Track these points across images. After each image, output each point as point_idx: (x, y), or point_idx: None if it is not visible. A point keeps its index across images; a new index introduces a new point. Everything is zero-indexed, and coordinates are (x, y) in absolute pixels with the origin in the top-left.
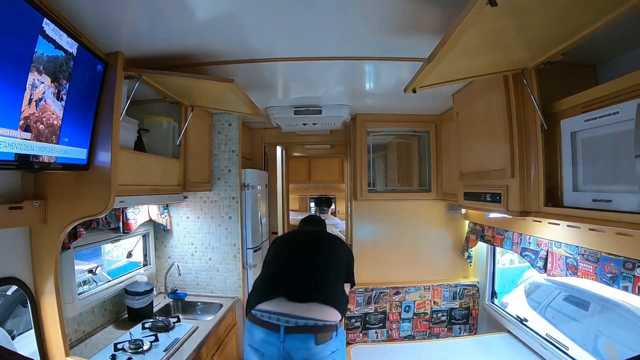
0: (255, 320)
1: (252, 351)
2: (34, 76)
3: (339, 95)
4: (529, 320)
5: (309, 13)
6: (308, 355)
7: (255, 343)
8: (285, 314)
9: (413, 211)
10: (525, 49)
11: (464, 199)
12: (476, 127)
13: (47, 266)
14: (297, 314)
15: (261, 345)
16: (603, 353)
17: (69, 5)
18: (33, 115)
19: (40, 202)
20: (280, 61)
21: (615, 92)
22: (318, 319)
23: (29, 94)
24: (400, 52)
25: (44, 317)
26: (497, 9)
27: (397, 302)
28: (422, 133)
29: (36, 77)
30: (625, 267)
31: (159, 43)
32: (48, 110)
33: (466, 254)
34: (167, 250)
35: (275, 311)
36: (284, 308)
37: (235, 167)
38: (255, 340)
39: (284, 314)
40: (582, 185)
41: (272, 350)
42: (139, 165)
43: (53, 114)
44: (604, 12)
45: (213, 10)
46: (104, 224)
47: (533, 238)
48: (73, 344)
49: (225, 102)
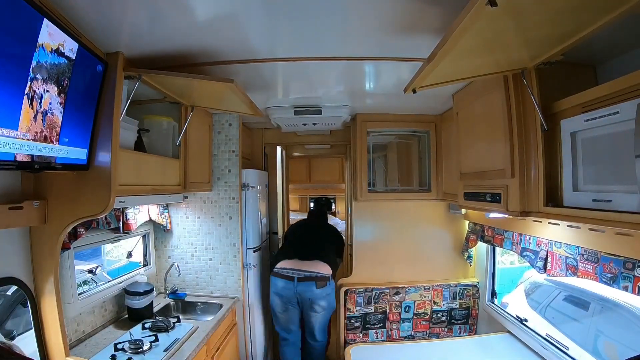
0: (278, 275)
1: (275, 296)
2: (34, 76)
3: (339, 95)
4: (529, 320)
5: (309, 13)
6: (312, 295)
7: (278, 290)
8: (297, 269)
9: (413, 211)
10: (525, 49)
11: (464, 199)
12: (476, 127)
13: (47, 266)
14: (304, 269)
15: (282, 291)
16: (603, 353)
17: (69, 6)
18: (33, 115)
19: (40, 202)
20: (280, 61)
21: (615, 92)
22: (317, 272)
23: (29, 93)
24: (400, 52)
25: (44, 317)
26: (497, 9)
27: (397, 302)
28: (422, 133)
29: (36, 77)
30: (625, 267)
31: (159, 43)
32: (48, 110)
33: (466, 254)
34: (167, 250)
35: (290, 267)
36: (296, 265)
37: (235, 167)
38: (278, 288)
39: (296, 269)
40: (582, 185)
41: (289, 293)
42: (139, 165)
43: (53, 114)
44: (604, 12)
45: (213, 10)
46: (104, 224)
47: (533, 238)
48: (73, 344)
49: (225, 102)
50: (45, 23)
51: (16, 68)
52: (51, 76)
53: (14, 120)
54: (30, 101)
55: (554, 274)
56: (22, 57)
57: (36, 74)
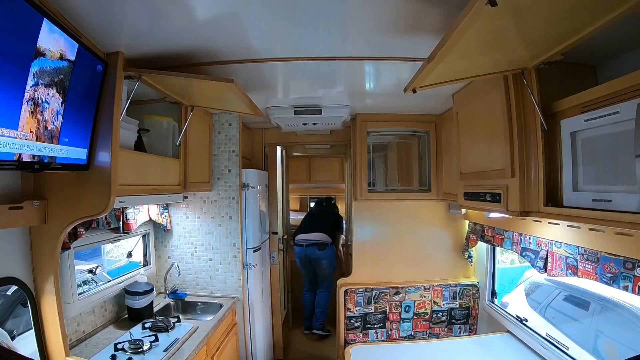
0: (295, 244)
1: (296, 258)
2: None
3: (339, 95)
4: (529, 320)
5: (309, 13)
6: (316, 256)
7: (297, 254)
8: (305, 239)
9: (413, 211)
10: (525, 49)
11: (464, 199)
12: (476, 127)
13: (47, 266)
14: (310, 238)
15: (298, 254)
16: (603, 353)
17: (69, 5)
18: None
19: (40, 202)
20: (280, 61)
21: (615, 92)
22: (319, 240)
23: (29, 93)
24: (400, 52)
25: (44, 317)
26: (497, 9)
27: (397, 302)
28: (422, 133)
29: (36, 77)
30: (625, 267)
31: (159, 43)
32: (48, 110)
33: (466, 254)
34: (167, 250)
35: (302, 238)
36: (305, 236)
37: (235, 167)
38: (296, 252)
39: (305, 239)
40: (582, 185)
41: (302, 255)
42: (139, 165)
43: (53, 113)
44: (604, 12)
45: (213, 10)
46: (104, 224)
47: (533, 238)
48: (73, 344)
49: (225, 102)
50: (45, 23)
51: (16, 68)
52: (51, 76)
53: (13, 120)
54: (29, 101)
55: (554, 273)
56: (21, 57)
57: (36, 74)
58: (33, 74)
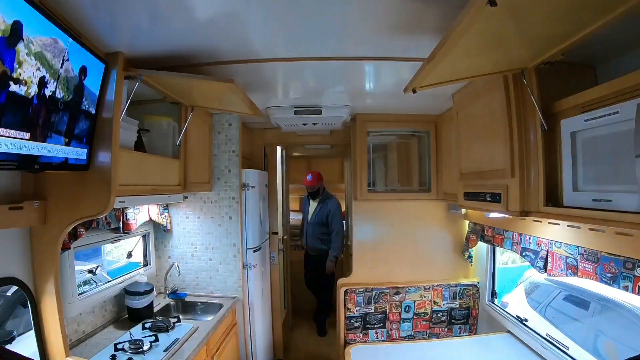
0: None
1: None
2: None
3: (339, 95)
4: (529, 320)
5: (309, 13)
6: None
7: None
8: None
9: (413, 211)
10: (525, 49)
11: (464, 199)
12: (476, 127)
13: (47, 266)
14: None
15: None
16: (603, 353)
17: (69, 5)
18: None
19: (40, 202)
20: (280, 61)
21: (615, 92)
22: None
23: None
24: (400, 52)
25: (44, 317)
26: (497, 9)
27: (397, 302)
28: (422, 133)
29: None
30: (626, 267)
31: (159, 43)
32: (47, 110)
33: (466, 254)
34: (167, 250)
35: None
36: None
37: (235, 167)
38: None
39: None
40: (582, 185)
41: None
42: (139, 165)
43: (52, 113)
44: (604, 12)
45: (213, 10)
46: (104, 224)
47: (533, 238)
48: (73, 344)
49: (225, 103)
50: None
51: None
52: (51, 76)
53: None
54: (29, 101)
55: (554, 273)
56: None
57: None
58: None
